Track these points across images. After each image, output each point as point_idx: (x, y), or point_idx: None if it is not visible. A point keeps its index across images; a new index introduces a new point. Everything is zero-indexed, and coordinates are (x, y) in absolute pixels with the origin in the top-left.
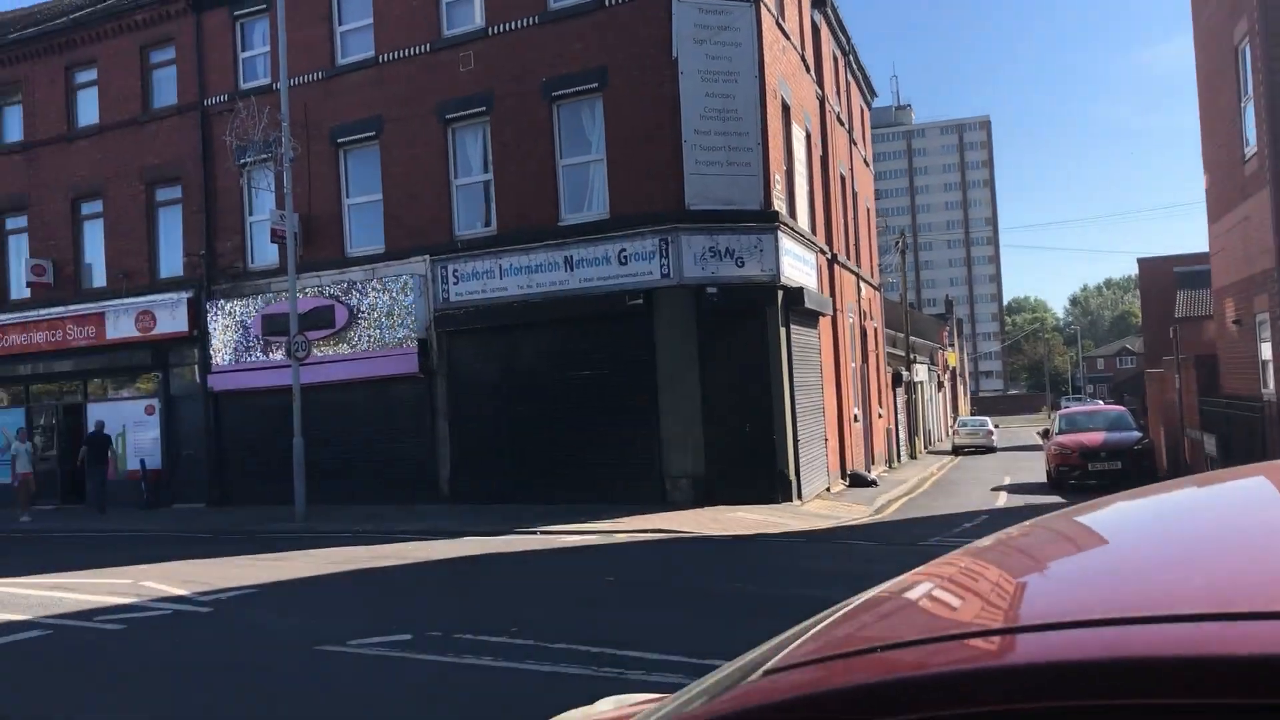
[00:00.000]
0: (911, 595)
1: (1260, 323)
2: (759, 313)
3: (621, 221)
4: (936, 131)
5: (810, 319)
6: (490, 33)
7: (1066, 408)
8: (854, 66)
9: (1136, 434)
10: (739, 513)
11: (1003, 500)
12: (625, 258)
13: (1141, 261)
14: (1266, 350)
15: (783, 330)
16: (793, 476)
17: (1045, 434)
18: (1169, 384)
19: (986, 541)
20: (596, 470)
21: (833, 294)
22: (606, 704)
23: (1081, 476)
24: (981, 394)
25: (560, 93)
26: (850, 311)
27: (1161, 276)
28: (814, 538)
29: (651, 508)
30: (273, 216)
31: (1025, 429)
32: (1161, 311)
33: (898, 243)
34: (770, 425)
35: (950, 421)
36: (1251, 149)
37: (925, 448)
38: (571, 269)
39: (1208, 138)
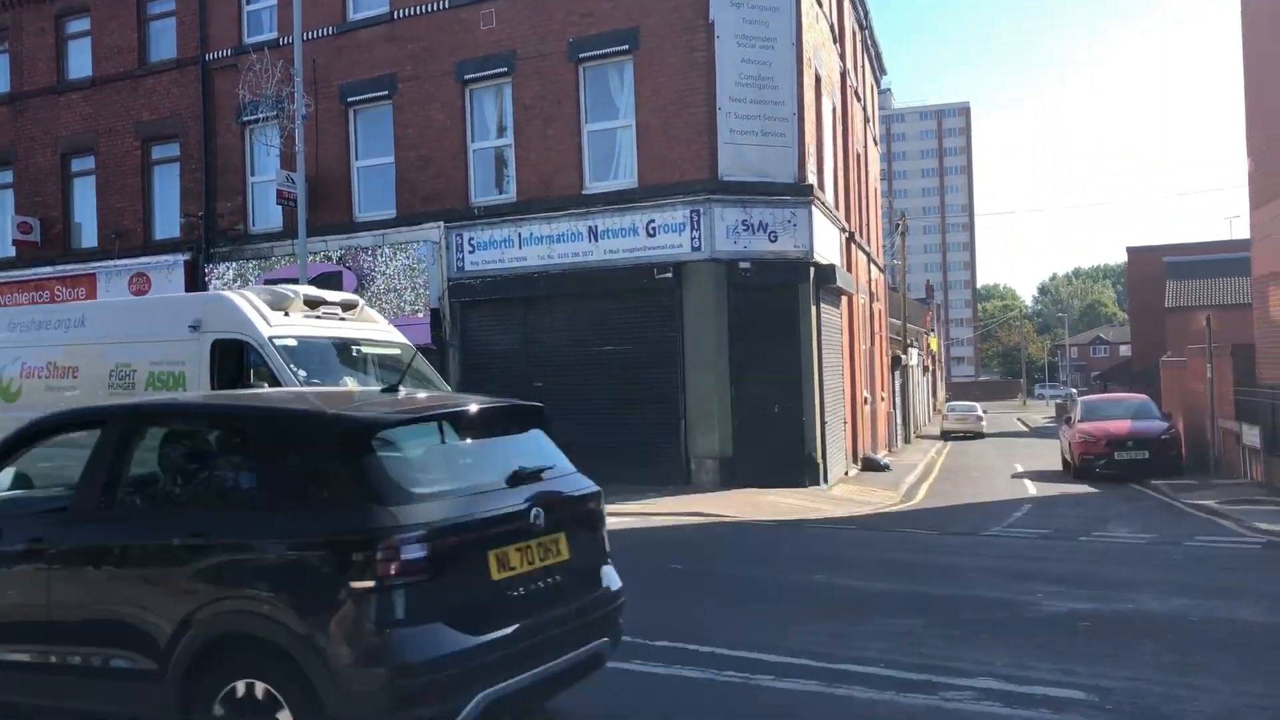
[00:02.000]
0: None
1: None
2: (791, 290)
3: (650, 191)
4: (916, 117)
5: (834, 298)
6: None
7: (1086, 394)
8: (868, 42)
9: (1164, 424)
10: (770, 496)
11: (1033, 489)
12: (654, 229)
13: (1131, 250)
14: None
15: (814, 309)
16: (820, 460)
17: (1067, 420)
18: (1194, 373)
19: None
20: (618, 450)
21: (850, 273)
22: None
23: (1107, 465)
24: (954, 380)
25: (588, 54)
26: (863, 292)
27: (1150, 266)
28: (864, 525)
29: (676, 489)
30: (279, 177)
31: (1004, 415)
32: (1150, 301)
33: (898, 225)
34: (800, 407)
35: (932, 406)
36: None
37: (914, 432)
38: (596, 240)
39: (1255, 123)
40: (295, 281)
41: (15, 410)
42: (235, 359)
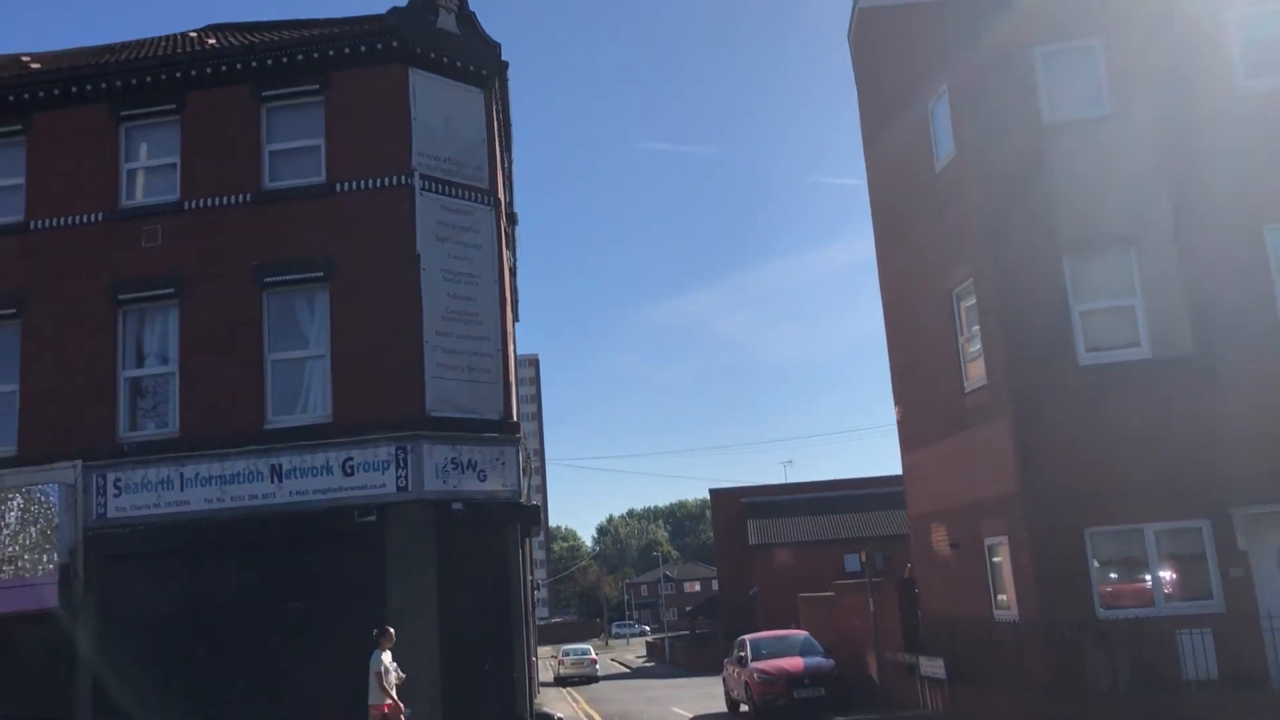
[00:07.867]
0: None
1: (992, 546)
2: (501, 534)
3: (349, 427)
4: None
5: (526, 541)
6: (187, 207)
7: (751, 634)
8: (514, 287)
9: (830, 660)
10: None
11: None
12: (352, 468)
13: (714, 492)
14: (1004, 572)
15: (521, 555)
16: None
17: (739, 660)
18: (846, 607)
19: None
20: None
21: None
22: None
23: (787, 705)
24: (537, 622)
25: (275, 279)
26: None
27: (731, 506)
28: None
29: None
30: None
31: (598, 657)
32: (733, 536)
33: (532, 466)
34: (510, 662)
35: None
36: (976, 383)
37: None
38: (280, 480)
39: (901, 375)
40: None
41: None
42: None
